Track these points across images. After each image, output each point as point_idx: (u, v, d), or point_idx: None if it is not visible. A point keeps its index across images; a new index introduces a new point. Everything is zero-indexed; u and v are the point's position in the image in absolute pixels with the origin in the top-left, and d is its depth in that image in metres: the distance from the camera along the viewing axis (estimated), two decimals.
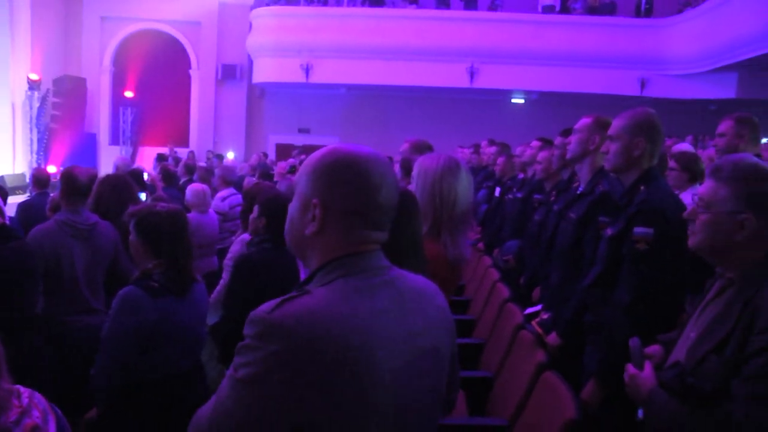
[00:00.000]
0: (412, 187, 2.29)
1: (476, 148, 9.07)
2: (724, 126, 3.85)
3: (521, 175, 5.83)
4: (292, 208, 1.32)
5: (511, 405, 2.99)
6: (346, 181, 1.25)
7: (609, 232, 2.76)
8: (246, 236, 3.65)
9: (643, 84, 15.14)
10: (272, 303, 1.17)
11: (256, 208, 3.25)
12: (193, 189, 5.74)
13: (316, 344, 1.13)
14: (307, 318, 1.14)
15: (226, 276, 3.98)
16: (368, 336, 1.18)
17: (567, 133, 3.59)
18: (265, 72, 15.94)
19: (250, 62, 16.81)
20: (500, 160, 6.47)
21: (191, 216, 5.60)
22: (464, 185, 2.26)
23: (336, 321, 1.16)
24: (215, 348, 3.57)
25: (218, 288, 4.18)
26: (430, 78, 15.20)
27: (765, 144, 4.22)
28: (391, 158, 4.37)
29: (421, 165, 2.30)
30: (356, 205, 1.25)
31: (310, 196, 1.27)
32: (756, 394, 1.60)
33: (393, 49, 14.95)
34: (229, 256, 4.09)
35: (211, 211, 5.86)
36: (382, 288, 1.26)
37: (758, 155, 3.66)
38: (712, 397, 1.68)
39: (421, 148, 3.44)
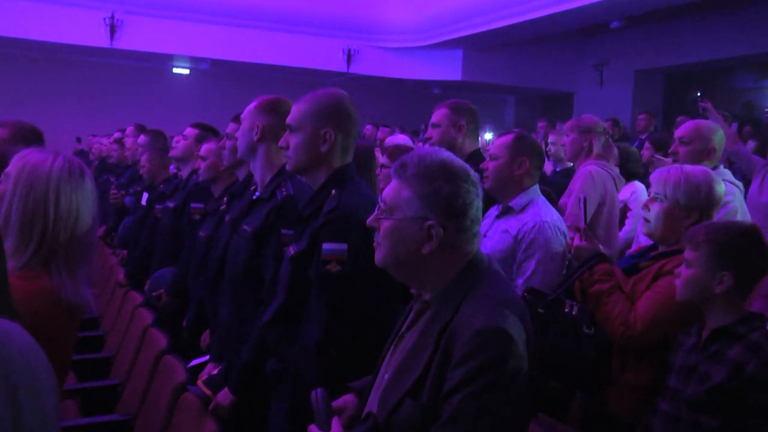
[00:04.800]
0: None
1: (120, 138, 8.89)
2: (439, 115, 4.28)
3: (180, 177, 5.84)
4: None
5: None
6: None
7: (291, 250, 2.92)
8: None
9: (349, 57, 16.18)
10: None
11: None
12: None
13: None
14: None
15: None
16: None
17: (239, 119, 3.71)
18: None
19: None
20: (145, 157, 6.47)
21: None
22: (88, 198, 2.26)
23: None
24: None
25: None
26: (49, 31, 14.55)
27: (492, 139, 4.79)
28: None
29: (24, 166, 2.24)
30: None
31: None
32: None
33: None
34: None
35: None
36: None
37: (477, 150, 4.15)
38: None
39: (27, 135, 3.27)
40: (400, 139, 7.18)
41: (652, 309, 2.92)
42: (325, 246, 2.72)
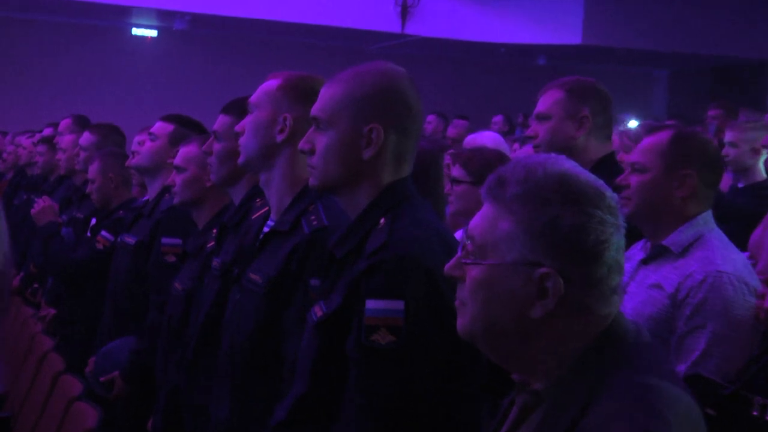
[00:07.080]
0: None
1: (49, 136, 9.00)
2: (548, 101, 4.37)
3: (144, 198, 5.97)
4: None
5: None
6: None
7: (318, 312, 2.93)
8: None
9: (404, 10, 16.20)
10: None
11: None
12: None
13: None
14: None
15: None
16: None
17: (235, 109, 3.75)
18: None
19: None
20: (95, 166, 6.56)
21: None
22: None
23: None
24: None
25: None
26: None
27: (626, 131, 4.72)
28: None
29: None
30: None
31: None
32: None
33: None
34: None
35: None
36: None
37: (610, 156, 4.15)
38: None
39: None
40: (486, 138, 7.14)
41: None
42: (370, 304, 2.73)
